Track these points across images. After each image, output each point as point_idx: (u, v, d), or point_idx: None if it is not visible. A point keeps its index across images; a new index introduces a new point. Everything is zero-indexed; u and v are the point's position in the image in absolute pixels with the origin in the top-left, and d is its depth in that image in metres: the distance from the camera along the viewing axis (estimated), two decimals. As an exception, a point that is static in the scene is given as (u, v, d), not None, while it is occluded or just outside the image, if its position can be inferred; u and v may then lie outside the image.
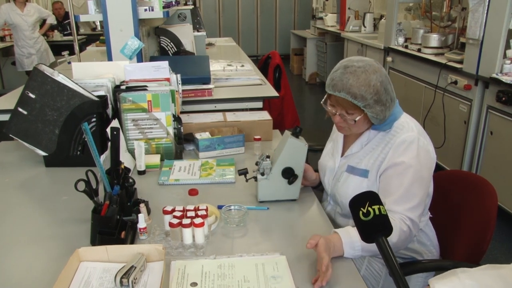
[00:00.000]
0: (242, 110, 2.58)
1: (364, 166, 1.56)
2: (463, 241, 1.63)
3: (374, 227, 0.96)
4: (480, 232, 1.57)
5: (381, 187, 1.52)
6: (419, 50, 4.24)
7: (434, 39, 4.13)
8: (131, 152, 1.95)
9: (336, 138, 1.74)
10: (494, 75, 3.16)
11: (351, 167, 1.60)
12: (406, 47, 4.54)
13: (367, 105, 1.45)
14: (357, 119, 1.49)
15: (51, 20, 7.21)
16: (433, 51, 4.11)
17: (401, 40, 4.73)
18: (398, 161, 1.48)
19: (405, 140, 1.49)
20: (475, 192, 1.65)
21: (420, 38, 4.34)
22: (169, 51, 3.50)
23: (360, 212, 0.97)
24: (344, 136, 1.70)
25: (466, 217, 1.65)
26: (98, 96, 1.91)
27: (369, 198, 0.98)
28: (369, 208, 0.96)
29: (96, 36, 7.07)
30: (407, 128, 1.52)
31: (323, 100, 1.57)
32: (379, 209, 0.97)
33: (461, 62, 3.58)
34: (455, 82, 3.62)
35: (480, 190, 1.63)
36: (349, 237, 1.34)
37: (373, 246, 1.36)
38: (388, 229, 0.97)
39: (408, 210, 1.45)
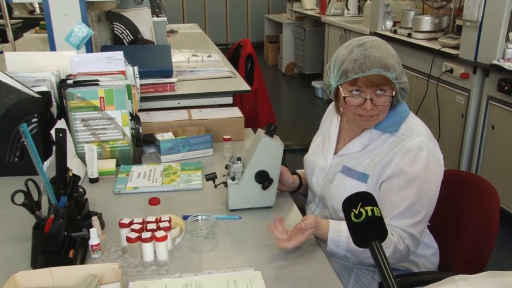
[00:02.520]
0: (210, 106, 2.58)
1: (364, 169, 1.57)
2: (462, 249, 1.66)
3: (366, 230, 0.99)
4: (481, 239, 1.60)
5: (382, 198, 1.53)
6: (409, 35, 4.30)
7: (427, 22, 4.19)
8: (81, 157, 1.93)
9: (327, 132, 1.75)
10: (495, 62, 3.20)
11: (347, 168, 1.61)
12: (395, 32, 4.60)
13: (398, 75, 1.49)
14: (393, 93, 1.50)
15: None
16: (426, 36, 4.17)
17: (389, 24, 4.80)
18: (404, 171, 1.49)
19: (414, 147, 1.50)
20: (474, 194, 1.68)
21: (410, 21, 4.40)
22: (124, 40, 3.47)
23: (352, 214, 1.00)
24: (339, 132, 1.71)
25: (465, 223, 1.68)
26: (39, 93, 1.88)
27: (362, 198, 1.01)
28: (361, 209, 0.99)
29: (35, 21, 6.85)
30: (417, 133, 1.53)
31: (341, 95, 1.53)
32: (372, 210, 0.99)
33: (457, 47, 3.64)
34: (451, 71, 3.69)
35: (480, 192, 1.66)
36: (338, 231, 1.46)
37: (361, 253, 1.41)
38: (382, 233, 0.98)
39: (409, 226, 1.48)
